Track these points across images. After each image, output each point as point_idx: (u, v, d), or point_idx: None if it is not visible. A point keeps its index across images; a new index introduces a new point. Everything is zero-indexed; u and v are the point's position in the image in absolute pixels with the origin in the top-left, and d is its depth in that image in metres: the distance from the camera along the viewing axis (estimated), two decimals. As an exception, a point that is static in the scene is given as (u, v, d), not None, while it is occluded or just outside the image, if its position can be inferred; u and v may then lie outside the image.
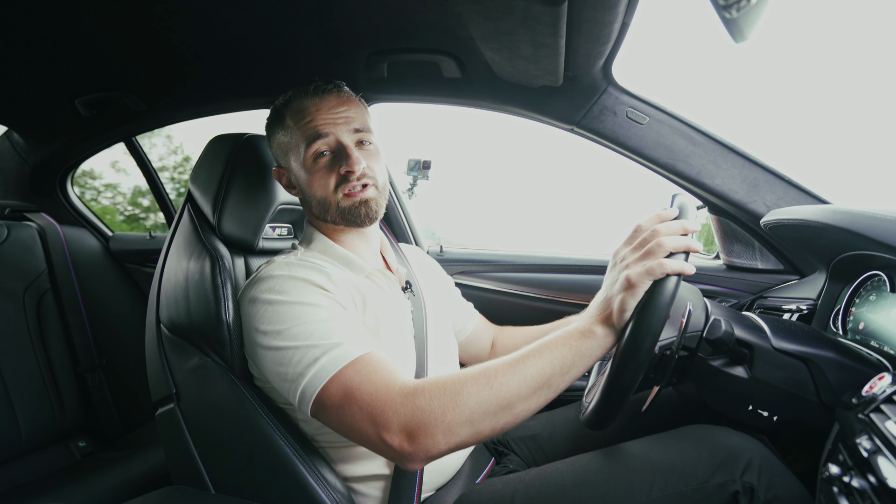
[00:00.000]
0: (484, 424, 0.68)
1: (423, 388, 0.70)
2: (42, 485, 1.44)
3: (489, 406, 0.68)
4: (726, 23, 0.46)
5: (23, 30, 1.07)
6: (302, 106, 0.93)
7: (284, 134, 0.95)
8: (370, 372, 0.73)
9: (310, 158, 0.91)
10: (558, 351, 0.70)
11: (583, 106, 1.26)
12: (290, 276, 0.82)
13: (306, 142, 0.91)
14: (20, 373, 1.56)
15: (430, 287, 1.12)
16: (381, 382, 0.72)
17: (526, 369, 0.69)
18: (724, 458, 0.73)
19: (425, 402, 0.68)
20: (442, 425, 0.67)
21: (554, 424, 1.11)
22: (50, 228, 1.81)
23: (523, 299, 1.56)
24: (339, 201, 0.92)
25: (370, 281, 0.95)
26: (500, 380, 0.69)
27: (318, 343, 0.75)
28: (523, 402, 0.69)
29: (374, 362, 0.75)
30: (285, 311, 0.78)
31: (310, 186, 0.93)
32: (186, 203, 1.04)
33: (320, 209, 0.94)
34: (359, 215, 0.92)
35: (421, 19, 1.05)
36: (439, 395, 0.69)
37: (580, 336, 0.70)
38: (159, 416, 0.95)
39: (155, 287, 1.01)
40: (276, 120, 0.97)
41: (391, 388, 0.71)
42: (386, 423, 0.69)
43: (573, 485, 0.79)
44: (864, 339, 0.89)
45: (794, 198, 1.21)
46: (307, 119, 0.91)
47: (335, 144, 0.91)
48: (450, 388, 0.69)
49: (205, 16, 1.05)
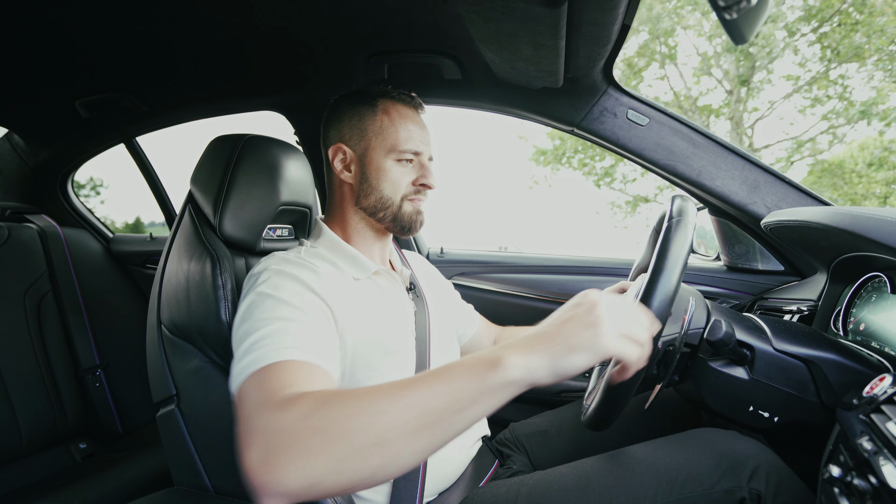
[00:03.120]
0: (347, 464, 0.51)
1: (303, 400, 0.56)
2: (43, 486, 1.44)
3: (360, 439, 0.52)
4: (726, 24, 0.46)
5: (23, 31, 1.07)
6: (403, 111, 0.95)
7: (374, 119, 0.94)
8: (266, 382, 0.62)
9: (396, 156, 0.93)
10: (459, 381, 0.54)
11: (583, 107, 1.27)
12: (279, 271, 0.81)
13: (401, 144, 0.93)
14: (21, 374, 1.56)
15: (432, 290, 1.13)
16: (271, 389, 0.60)
17: (412, 397, 0.54)
18: (730, 463, 0.72)
19: (291, 418, 0.54)
20: (300, 453, 0.52)
21: (562, 420, 1.11)
22: (50, 230, 1.81)
23: (524, 300, 1.56)
24: (401, 205, 0.94)
25: (372, 282, 0.95)
26: (379, 405, 0.54)
27: (263, 340, 0.69)
28: (403, 441, 0.52)
29: (287, 369, 0.64)
30: (258, 302, 0.76)
31: (380, 179, 0.93)
32: (187, 204, 1.04)
33: (379, 204, 0.94)
34: (415, 224, 0.97)
35: (421, 21, 1.05)
36: (314, 413, 0.54)
37: (489, 366, 0.54)
38: (160, 418, 0.95)
39: (156, 288, 1.01)
40: (363, 101, 0.96)
41: (267, 402, 0.58)
42: (246, 437, 0.56)
43: (577, 490, 0.78)
44: (864, 340, 0.89)
45: (794, 199, 1.21)
46: (408, 125, 0.94)
47: (423, 158, 0.96)
48: (332, 406, 0.55)
49: (205, 17, 1.05)
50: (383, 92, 0.96)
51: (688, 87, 9.27)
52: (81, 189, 3.91)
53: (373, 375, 0.86)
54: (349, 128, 0.96)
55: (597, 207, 13.41)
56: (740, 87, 8.62)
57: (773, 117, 13.38)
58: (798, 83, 8.33)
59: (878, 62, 7.50)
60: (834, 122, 8.23)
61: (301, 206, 1.08)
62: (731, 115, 8.92)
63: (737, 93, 8.75)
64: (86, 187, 8.48)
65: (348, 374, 0.84)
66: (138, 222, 7.45)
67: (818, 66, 8.08)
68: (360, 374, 0.85)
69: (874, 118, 7.64)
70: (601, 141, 1.30)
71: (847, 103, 7.96)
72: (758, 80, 8.67)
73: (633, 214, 10.12)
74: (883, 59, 7.45)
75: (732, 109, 8.84)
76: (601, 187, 9.98)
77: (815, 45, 7.92)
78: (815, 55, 8.04)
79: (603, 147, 1.32)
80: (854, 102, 7.84)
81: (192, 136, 1.73)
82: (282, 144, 1.05)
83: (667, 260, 0.70)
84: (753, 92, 8.79)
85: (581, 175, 9.94)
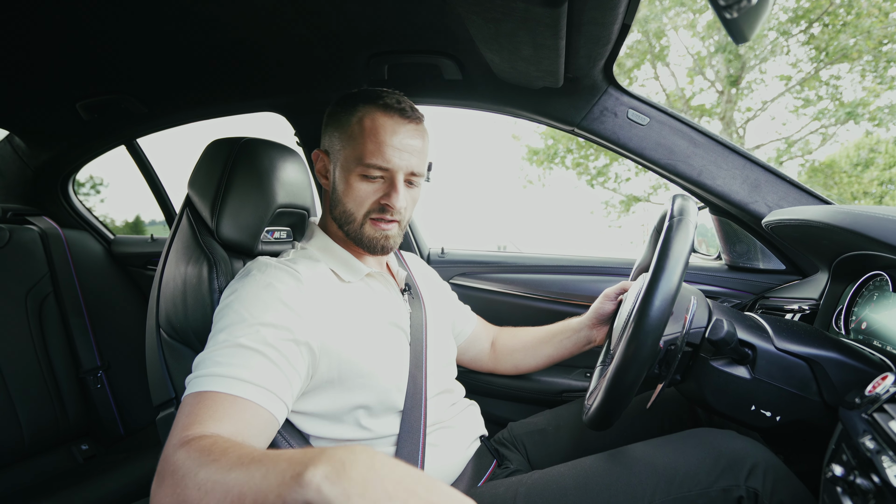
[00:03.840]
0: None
1: (194, 444, 0.58)
2: (44, 488, 1.44)
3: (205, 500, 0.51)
4: (726, 23, 0.46)
5: (23, 33, 1.07)
6: (382, 120, 0.87)
7: (347, 127, 0.89)
8: (197, 410, 0.65)
9: (360, 172, 0.88)
10: (270, 476, 0.48)
11: (583, 107, 1.26)
12: (256, 281, 0.80)
13: (366, 157, 0.87)
14: (22, 376, 1.56)
15: (430, 291, 1.12)
16: (183, 423, 0.64)
17: (233, 477, 0.51)
18: (728, 462, 0.73)
19: (178, 457, 0.57)
20: (170, 489, 0.55)
21: (560, 419, 1.11)
22: (52, 232, 1.82)
23: (524, 300, 1.56)
24: (364, 225, 0.91)
25: (365, 284, 0.95)
26: (208, 474, 0.53)
27: (217, 361, 0.70)
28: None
29: (217, 404, 0.65)
30: (228, 314, 0.76)
31: (345, 194, 0.91)
32: (185, 207, 1.04)
33: (343, 218, 0.92)
34: (376, 247, 0.92)
35: (421, 21, 1.05)
36: (176, 469, 0.56)
37: (292, 478, 0.46)
38: (160, 421, 0.95)
39: (155, 291, 1.01)
40: (345, 107, 0.91)
41: (177, 435, 0.62)
42: (161, 459, 0.60)
43: (575, 489, 0.78)
44: (866, 338, 0.89)
45: (795, 198, 1.21)
46: (381, 136, 0.87)
47: (390, 176, 0.89)
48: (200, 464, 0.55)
49: (205, 18, 1.05)
50: (369, 97, 0.90)
51: (680, 87, 9.30)
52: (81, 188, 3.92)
53: (363, 381, 0.85)
54: (329, 134, 0.94)
55: (591, 207, 13.43)
56: (730, 87, 8.65)
57: (765, 117, 13.39)
58: (789, 84, 8.37)
59: (868, 63, 7.55)
60: (825, 123, 8.28)
61: (298, 208, 1.08)
62: (722, 115, 8.94)
63: (727, 93, 8.77)
64: (85, 186, 8.49)
65: (338, 380, 0.84)
66: (138, 221, 7.45)
67: (809, 66, 8.13)
68: (349, 380, 0.85)
69: (861, 119, 7.68)
70: (602, 141, 1.30)
71: (838, 104, 8.00)
72: (749, 81, 8.73)
73: (626, 214, 10.16)
74: (869, 60, 7.50)
75: (724, 109, 8.87)
76: (595, 187, 10.00)
77: (806, 45, 7.97)
78: (806, 55, 8.10)
79: (603, 147, 1.32)
80: (844, 103, 7.88)
81: (191, 137, 1.73)
82: (279, 147, 1.05)
83: (668, 259, 0.70)
84: (744, 92, 8.83)
85: (575, 175, 9.96)
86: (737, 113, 9.03)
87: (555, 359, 1.20)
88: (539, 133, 9.82)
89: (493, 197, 15.81)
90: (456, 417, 1.01)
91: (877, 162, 8.17)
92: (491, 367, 1.27)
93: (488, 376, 1.32)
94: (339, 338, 0.83)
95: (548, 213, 12.80)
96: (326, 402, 0.85)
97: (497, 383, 1.37)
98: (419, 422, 0.88)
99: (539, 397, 1.39)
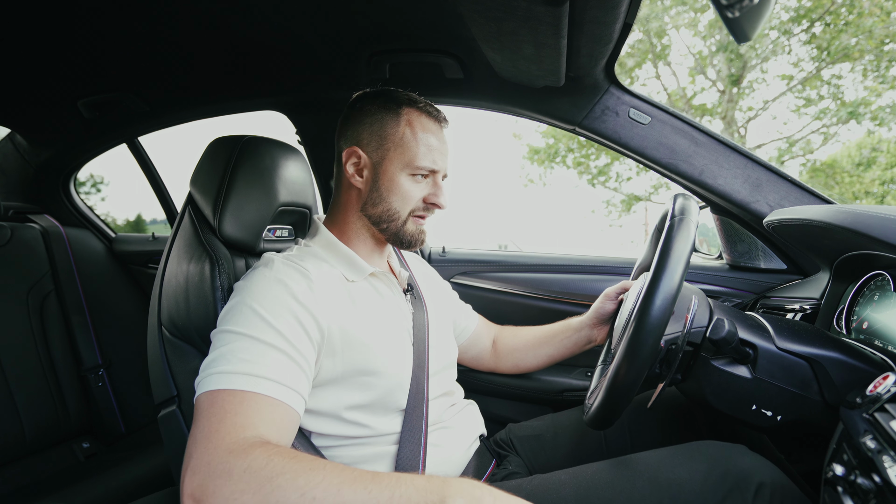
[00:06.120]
0: None
1: (257, 455, 0.59)
2: (45, 485, 1.44)
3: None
4: (728, 23, 0.46)
5: (25, 31, 1.07)
6: (427, 124, 0.93)
7: (396, 129, 0.91)
8: (230, 410, 0.66)
9: (412, 171, 0.91)
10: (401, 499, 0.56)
11: (585, 106, 1.26)
12: (267, 277, 0.81)
13: (418, 160, 0.90)
14: (24, 373, 1.56)
15: (431, 291, 1.12)
16: (231, 423, 0.64)
17: (350, 497, 0.56)
18: (735, 481, 0.71)
19: (239, 468, 0.58)
20: (231, 501, 0.56)
21: (557, 425, 1.11)
22: (53, 230, 1.82)
23: (525, 300, 1.56)
24: (407, 221, 0.93)
25: (368, 283, 0.95)
26: (316, 493, 0.56)
27: (236, 355, 0.71)
28: None
29: (247, 403, 0.67)
30: (240, 310, 0.77)
31: (392, 192, 0.91)
32: (187, 205, 1.04)
33: (385, 215, 0.92)
34: (416, 241, 0.95)
35: (423, 20, 1.05)
36: (259, 472, 0.57)
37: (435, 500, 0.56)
38: (161, 419, 0.95)
39: (156, 289, 1.01)
40: (387, 108, 0.92)
41: (224, 439, 0.62)
42: (189, 469, 0.61)
43: (576, 500, 0.77)
44: (867, 338, 0.89)
45: (797, 197, 1.20)
46: (429, 140, 0.92)
47: (437, 176, 0.95)
48: (278, 475, 0.57)
49: (206, 17, 1.05)
50: (409, 100, 0.93)
51: (681, 86, 9.28)
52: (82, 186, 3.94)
53: (368, 380, 0.85)
54: (369, 133, 0.92)
55: (592, 206, 13.43)
56: (732, 86, 8.64)
57: (767, 117, 13.37)
58: (791, 83, 8.36)
59: (869, 62, 7.55)
60: (826, 122, 8.28)
61: (300, 206, 1.08)
62: (723, 115, 8.93)
63: (729, 92, 8.76)
64: (86, 184, 8.49)
65: (342, 378, 0.84)
66: (139, 219, 7.46)
67: (811, 66, 8.13)
68: (353, 378, 0.85)
69: (863, 118, 7.68)
70: (603, 140, 1.29)
71: (840, 103, 7.99)
72: (750, 80, 8.72)
73: (627, 213, 10.15)
74: (871, 59, 7.50)
75: (725, 109, 8.86)
76: (596, 186, 10.00)
77: (807, 45, 7.96)
78: (808, 54, 8.09)
79: (605, 146, 1.32)
80: (846, 103, 7.88)
81: (192, 136, 1.73)
82: (281, 145, 1.05)
83: (669, 259, 0.70)
84: (745, 92, 8.82)
85: (576, 174, 9.96)
86: (738, 112, 9.03)
87: (555, 358, 1.20)
88: (540, 132, 9.82)
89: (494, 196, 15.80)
90: (455, 417, 1.01)
91: (878, 161, 8.18)
92: (492, 366, 1.27)
93: (488, 375, 1.32)
94: (345, 336, 0.83)
95: (549, 213, 12.79)
96: (329, 400, 0.85)
97: (497, 382, 1.37)
98: (421, 421, 0.88)
99: (539, 396, 1.39)
